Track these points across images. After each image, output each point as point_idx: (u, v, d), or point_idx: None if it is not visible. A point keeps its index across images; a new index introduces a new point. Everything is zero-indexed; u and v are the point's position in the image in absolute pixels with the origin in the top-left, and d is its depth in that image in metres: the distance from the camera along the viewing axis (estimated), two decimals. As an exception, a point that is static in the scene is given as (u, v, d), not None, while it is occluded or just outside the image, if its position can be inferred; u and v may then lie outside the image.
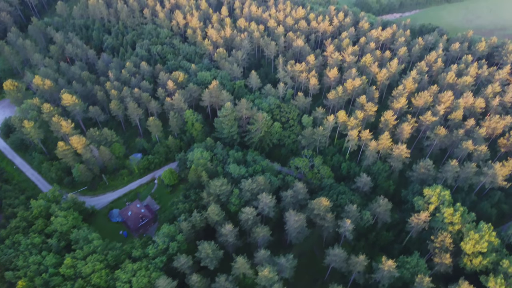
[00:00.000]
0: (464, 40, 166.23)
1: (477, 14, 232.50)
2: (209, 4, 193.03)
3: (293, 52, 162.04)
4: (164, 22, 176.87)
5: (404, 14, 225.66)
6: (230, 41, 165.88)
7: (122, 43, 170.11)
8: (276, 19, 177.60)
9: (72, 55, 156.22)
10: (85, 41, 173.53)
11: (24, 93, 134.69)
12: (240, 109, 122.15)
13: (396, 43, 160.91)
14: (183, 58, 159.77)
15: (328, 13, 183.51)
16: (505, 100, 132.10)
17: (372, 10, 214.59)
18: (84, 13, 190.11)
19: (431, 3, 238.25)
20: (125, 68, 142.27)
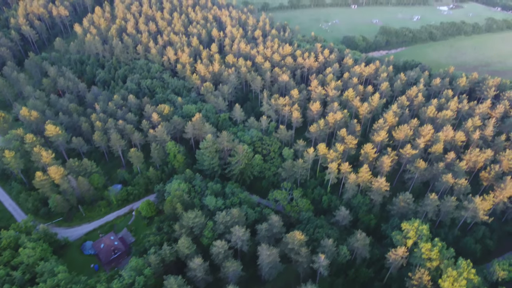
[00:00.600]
0: (445, 76, 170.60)
1: (461, 51, 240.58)
2: (200, 41, 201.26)
3: (279, 86, 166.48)
4: (156, 58, 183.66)
5: (391, 51, 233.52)
6: (218, 75, 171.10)
7: (114, 77, 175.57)
8: (264, 56, 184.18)
9: (63, 88, 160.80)
10: (79, 75, 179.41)
11: (11, 124, 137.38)
12: (222, 141, 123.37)
13: (379, 78, 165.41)
14: (171, 91, 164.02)
15: (314, 50, 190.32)
16: (485, 133, 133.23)
17: (358, 47, 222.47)
18: (81, 49, 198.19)
19: (417, 41, 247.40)
20: (113, 100, 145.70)
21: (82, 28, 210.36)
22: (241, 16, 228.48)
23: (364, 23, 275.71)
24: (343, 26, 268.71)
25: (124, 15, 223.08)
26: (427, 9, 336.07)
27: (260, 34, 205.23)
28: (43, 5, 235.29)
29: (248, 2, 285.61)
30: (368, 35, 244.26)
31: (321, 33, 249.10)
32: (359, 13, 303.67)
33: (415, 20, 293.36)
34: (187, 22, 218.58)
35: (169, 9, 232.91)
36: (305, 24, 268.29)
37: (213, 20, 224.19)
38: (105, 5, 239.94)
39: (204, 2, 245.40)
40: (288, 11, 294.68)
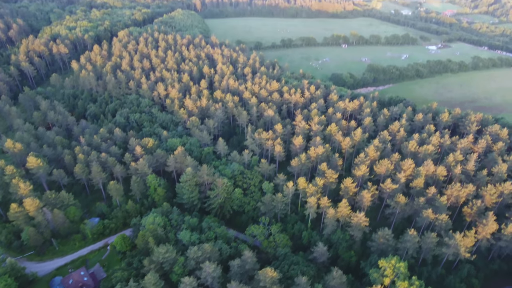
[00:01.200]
0: (429, 111, 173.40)
1: (448, 88, 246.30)
2: (191, 78, 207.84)
3: (264, 121, 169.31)
4: (147, 93, 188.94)
5: (378, 88, 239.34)
6: (206, 110, 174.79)
7: (104, 111, 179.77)
8: (252, 91, 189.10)
9: (53, 121, 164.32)
10: (70, 109, 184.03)
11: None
12: (202, 174, 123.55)
13: (362, 113, 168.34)
14: (159, 125, 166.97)
15: (301, 86, 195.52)
16: (467, 168, 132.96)
17: (346, 84, 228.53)
18: (76, 84, 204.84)
19: (404, 78, 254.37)
20: (99, 133, 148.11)
21: (79, 65, 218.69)
22: (232, 54, 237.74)
23: (353, 61, 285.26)
24: (333, 64, 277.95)
25: (121, 53, 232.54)
26: (415, 48, 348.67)
27: (249, 71, 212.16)
28: (44, 43, 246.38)
29: (241, 42, 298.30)
30: (356, 72, 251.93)
31: (311, 71, 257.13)
32: (349, 52, 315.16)
33: (403, 58, 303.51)
34: (180, 59, 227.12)
35: (164, 47, 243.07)
36: (296, 62, 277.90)
37: (205, 58, 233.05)
38: (103, 43, 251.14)
39: (198, 41, 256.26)
40: (280, 50, 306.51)
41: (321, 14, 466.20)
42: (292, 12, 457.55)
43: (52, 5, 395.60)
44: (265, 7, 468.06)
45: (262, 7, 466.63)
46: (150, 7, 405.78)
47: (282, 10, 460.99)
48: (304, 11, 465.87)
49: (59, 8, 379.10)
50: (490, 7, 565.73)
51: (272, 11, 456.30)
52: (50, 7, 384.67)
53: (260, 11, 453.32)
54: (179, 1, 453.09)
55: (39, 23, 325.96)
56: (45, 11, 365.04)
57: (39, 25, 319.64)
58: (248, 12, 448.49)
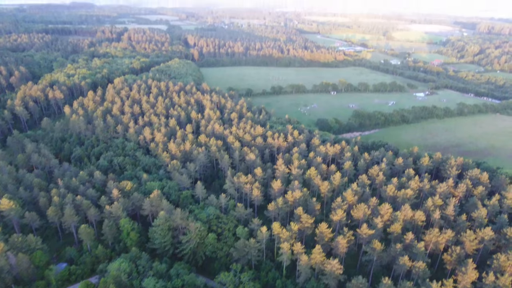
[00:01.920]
0: (410, 155, 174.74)
1: (433, 133, 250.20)
2: (179, 123, 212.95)
3: (247, 165, 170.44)
4: (133, 137, 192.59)
5: (364, 133, 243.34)
6: (189, 154, 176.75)
7: (89, 154, 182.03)
8: (236, 136, 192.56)
9: (36, 163, 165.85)
10: (56, 152, 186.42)
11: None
12: (175, 218, 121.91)
13: (343, 157, 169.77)
14: (141, 169, 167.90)
15: (285, 131, 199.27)
16: (447, 213, 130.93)
17: (332, 129, 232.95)
18: (66, 128, 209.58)
19: (390, 123, 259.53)
20: (78, 176, 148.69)
21: (71, 109, 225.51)
22: (221, 100, 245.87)
23: (341, 107, 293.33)
24: (321, 109, 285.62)
25: (113, 98, 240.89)
26: (403, 95, 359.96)
27: (236, 116, 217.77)
28: (41, 89, 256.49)
29: (233, 88, 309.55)
30: (343, 118, 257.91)
31: (299, 116, 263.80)
32: (337, 99, 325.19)
33: (390, 105, 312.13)
34: (169, 105, 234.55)
35: (155, 93, 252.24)
36: (285, 108, 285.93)
37: (194, 103, 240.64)
38: (98, 89, 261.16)
39: (189, 88, 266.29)
40: (270, 97, 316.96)
41: (313, 63, 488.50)
42: (285, 61, 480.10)
43: (57, 54, 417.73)
44: (259, 57, 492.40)
45: (256, 57, 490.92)
46: (150, 56, 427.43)
47: (275, 60, 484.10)
48: (297, 61, 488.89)
49: (63, 57, 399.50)
50: (476, 57, 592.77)
51: (266, 61, 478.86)
52: (55, 56, 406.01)
53: (255, 61, 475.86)
54: (177, 51, 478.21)
55: (42, 71, 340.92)
56: (49, 60, 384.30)
57: (41, 72, 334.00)
58: (243, 62, 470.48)
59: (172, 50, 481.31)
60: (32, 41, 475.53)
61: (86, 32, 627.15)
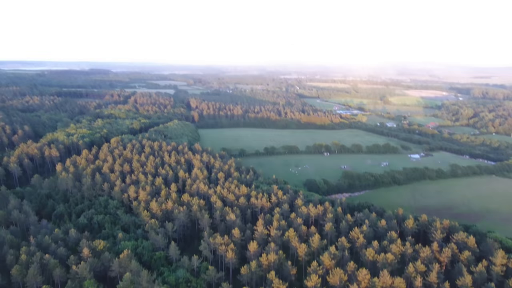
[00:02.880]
0: (395, 217, 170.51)
1: (425, 195, 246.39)
2: (166, 181, 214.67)
3: (226, 225, 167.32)
4: (117, 195, 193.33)
5: (354, 194, 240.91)
6: (170, 213, 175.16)
7: (71, 212, 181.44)
8: (220, 195, 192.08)
9: (16, 220, 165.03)
10: (40, 209, 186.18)
11: None
12: (141, 281, 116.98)
13: (325, 218, 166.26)
14: (120, 227, 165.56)
15: (271, 191, 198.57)
16: (429, 280, 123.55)
17: (320, 190, 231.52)
18: (54, 185, 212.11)
19: (380, 185, 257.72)
20: (52, 234, 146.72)
21: (63, 167, 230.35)
22: (211, 160, 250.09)
23: (332, 168, 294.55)
24: (312, 170, 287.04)
25: (106, 157, 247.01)
26: (397, 156, 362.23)
27: (223, 176, 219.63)
28: (39, 147, 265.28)
29: (226, 149, 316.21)
30: (333, 178, 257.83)
31: (289, 177, 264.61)
32: (330, 160, 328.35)
33: (383, 166, 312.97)
34: (159, 163, 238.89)
35: (148, 153, 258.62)
36: (276, 168, 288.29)
37: (184, 163, 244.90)
38: (93, 148, 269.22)
39: (182, 148, 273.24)
40: (263, 157, 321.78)
41: (310, 126, 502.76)
42: (282, 124, 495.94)
43: (64, 115, 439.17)
44: (257, 119, 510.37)
45: (254, 119, 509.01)
46: (151, 118, 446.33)
47: (273, 122, 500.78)
48: (294, 123, 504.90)
49: (69, 118, 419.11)
50: (470, 120, 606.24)
51: (263, 123, 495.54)
52: (61, 116, 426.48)
53: (253, 123, 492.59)
54: (179, 113, 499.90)
55: (45, 130, 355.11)
56: (55, 120, 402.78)
57: (45, 131, 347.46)
58: (242, 124, 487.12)
59: (174, 112, 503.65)
60: (43, 102, 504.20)
61: (96, 95, 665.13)
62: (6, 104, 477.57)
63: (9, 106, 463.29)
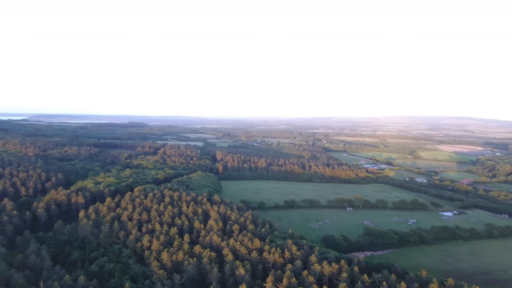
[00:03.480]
0: (418, 280, 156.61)
1: (456, 257, 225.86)
2: (181, 232, 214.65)
3: (235, 280, 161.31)
4: (131, 243, 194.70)
5: (376, 253, 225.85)
6: (180, 264, 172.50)
7: (85, 258, 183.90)
8: (232, 248, 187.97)
9: (31, 264, 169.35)
10: (57, 254, 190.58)
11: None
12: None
13: (339, 278, 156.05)
14: (129, 277, 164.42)
15: (285, 246, 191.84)
16: None
17: (339, 247, 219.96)
18: (74, 231, 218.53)
19: (406, 244, 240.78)
20: (62, 280, 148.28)
21: (85, 214, 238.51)
22: (228, 211, 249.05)
23: (354, 224, 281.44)
24: (332, 225, 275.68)
25: (126, 205, 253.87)
26: (426, 214, 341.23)
27: (237, 228, 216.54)
28: (67, 194, 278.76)
29: (246, 201, 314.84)
30: (355, 235, 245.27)
31: (308, 232, 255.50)
32: (352, 215, 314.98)
33: (410, 223, 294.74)
34: (177, 213, 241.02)
35: (167, 202, 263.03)
36: (295, 222, 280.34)
37: (201, 214, 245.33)
38: (117, 197, 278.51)
39: (201, 199, 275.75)
40: (282, 211, 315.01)
41: (334, 180, 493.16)
42: (306, 177, 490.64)
43: (96, 164, 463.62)
44: (281, 172, 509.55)
45: (278, 172, 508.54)
46: (177, 169, 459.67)
47: (296, 175, 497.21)
48: (318, 176, 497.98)
49: (100, 167, 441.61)
50: (509, 176, 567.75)
51: (287, 176, 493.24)
52: (93, 166, 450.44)
53: (276, 176, 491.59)
54: (204, 165, 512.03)
55: (77, 178, 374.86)
56: (87, 169, 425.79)
57: (76, 179, 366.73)
58: (265, 177, 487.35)
59: (199, 164, 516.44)
60: (80, 152, 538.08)
61: (129, 146, 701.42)
62: (46, 153, 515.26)
63: (49, 155, 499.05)
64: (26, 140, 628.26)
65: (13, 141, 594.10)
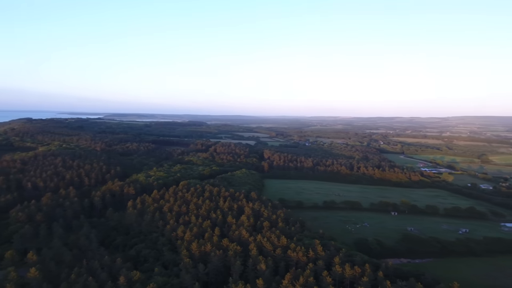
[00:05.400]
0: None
1: (508, 272, 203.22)
2: (214, 225, 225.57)
3: (256, 275, 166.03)
4: (167, 233, 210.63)
5: (414, 261, 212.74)
6: (207, 255, 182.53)
7: (127, 244, 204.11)
8: (259, 244, 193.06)
9: (81, 245, 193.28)
10: (104, 238, 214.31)
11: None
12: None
13: (360, 282, 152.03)
14: (161, 264, 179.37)
15: (311, 246, 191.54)
16: None
17: (372, 252, 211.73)
18: (122, 219, 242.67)
19: (450, 254, 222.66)
20: (102, 260, 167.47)
21: (133, 204, 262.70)
22: (262, 208, 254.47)
23: (395, 230, 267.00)
24: (371, 229, 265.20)
25: (169, 197, 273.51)
26: (484, 224, 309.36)
27: (268, 225, 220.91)
28: (121, 185, 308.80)
29: (284, 200, 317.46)
30: (391, 241, 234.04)
31: (344, 234, 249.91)
32: (395, 220, 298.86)
33: (460, 232, 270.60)
34: (213, 208, 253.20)
35: (206, 197, 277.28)
36: (332, 223, 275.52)
37: (236, 209, 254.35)
38: (163, 189, 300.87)
39: (238, 195, 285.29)
40: (320, 211, 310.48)
41: (383, 182, 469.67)
42: (352, 178, 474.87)
43: (151, 160, 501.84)
44: (327, 172, 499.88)
45: (323, 172, 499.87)
46: (223, 166, 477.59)
47: (342, 176, 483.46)
48: (366, 178, 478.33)
49: (154, 162, 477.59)
50: None
51: (332, 177, 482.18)
52: (149, 161, 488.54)
53: (321, 176, 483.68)
54: (250, 163, 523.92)
55: (133, 171, 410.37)
56: (143, 164, 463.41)
57: (132, 172, 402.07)
58: (310, 176, 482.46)
59: (246, 161, 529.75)
60: (139, 148, 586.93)
61: (184, 144, 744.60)
62: (111, 148, 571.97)
63: (113, 150, 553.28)
64: (96, 137, 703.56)
65: (85, 137, 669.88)
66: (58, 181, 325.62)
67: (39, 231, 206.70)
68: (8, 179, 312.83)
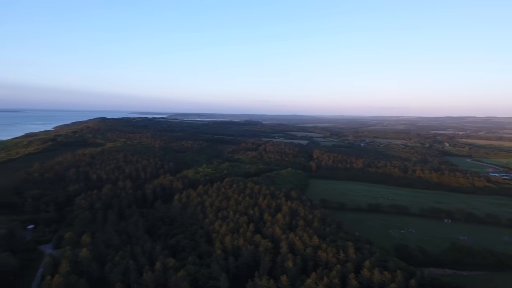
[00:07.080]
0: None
1: None
2: (250, 221, 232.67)
3: (283, 271, 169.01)
4: (206, 226, 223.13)
5: (460, 272, 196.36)
6: (239, 249, 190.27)
7: (168, 233, 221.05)
8: (290, 242, 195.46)
9: (129, 231, 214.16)
10: (150, 226, 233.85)
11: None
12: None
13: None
14: (197, 254, 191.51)
15: (344, 247, 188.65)
16: None
17: (413, 259, 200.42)
18: (168, 210, 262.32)
19: (506, 268, 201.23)
20: (144, 246, 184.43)
21: (179, 197, 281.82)
22: (299, 207, 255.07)
23: (445, 238, 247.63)
24: (416, 236, 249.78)
25: (212, 193, 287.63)
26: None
27: (303, 224, 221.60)
28: (171, 179, 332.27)
29: (326, 200, 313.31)
30: (437, 249, 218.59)
31: (384, 238, 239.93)
32: (447, 228, 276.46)
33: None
34: (252, 204, 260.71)
35: (247, 194, 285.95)
36: (374, 227, 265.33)
37: (274, 207, 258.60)
38: (208, 184, 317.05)
39: (278, 193, 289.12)
40: (363, 214, 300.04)
41: (441, 187, 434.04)
42: (405, 181, 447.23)
43: (203, 157, 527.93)
44: (377, 174, 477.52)
45: (374, 174, 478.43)
46: (270, 164, 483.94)
47: (394, 179, 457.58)
48: (421, 182, 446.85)
49: (205, 159, 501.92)
50: None
51: (383, 178, 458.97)
52: (200, 157, 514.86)
53: (371, 178, 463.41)
54: (298, 162, 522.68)
55: (185, 167, 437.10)
56: (195, 160, 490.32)
57: (184, 168, 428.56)
58: (359, 178, 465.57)
59: (294, 161, 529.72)
60: (193, 146, 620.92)
61: (236, 142, 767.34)
62: (168, 145, 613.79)
63: (169, 147, 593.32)
64: (156, 135, 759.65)
65: (147, 135, 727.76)
66: (119, 174, 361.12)
67: (96, 217, 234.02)
68: (78, 171, 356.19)
